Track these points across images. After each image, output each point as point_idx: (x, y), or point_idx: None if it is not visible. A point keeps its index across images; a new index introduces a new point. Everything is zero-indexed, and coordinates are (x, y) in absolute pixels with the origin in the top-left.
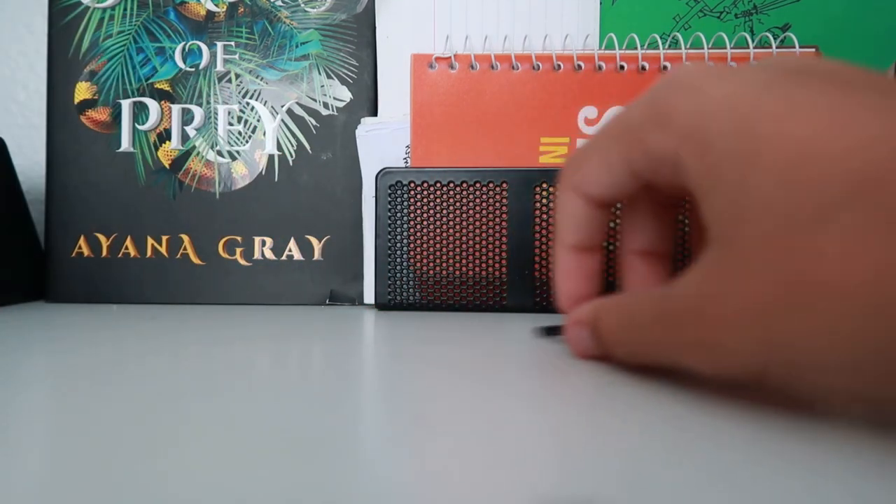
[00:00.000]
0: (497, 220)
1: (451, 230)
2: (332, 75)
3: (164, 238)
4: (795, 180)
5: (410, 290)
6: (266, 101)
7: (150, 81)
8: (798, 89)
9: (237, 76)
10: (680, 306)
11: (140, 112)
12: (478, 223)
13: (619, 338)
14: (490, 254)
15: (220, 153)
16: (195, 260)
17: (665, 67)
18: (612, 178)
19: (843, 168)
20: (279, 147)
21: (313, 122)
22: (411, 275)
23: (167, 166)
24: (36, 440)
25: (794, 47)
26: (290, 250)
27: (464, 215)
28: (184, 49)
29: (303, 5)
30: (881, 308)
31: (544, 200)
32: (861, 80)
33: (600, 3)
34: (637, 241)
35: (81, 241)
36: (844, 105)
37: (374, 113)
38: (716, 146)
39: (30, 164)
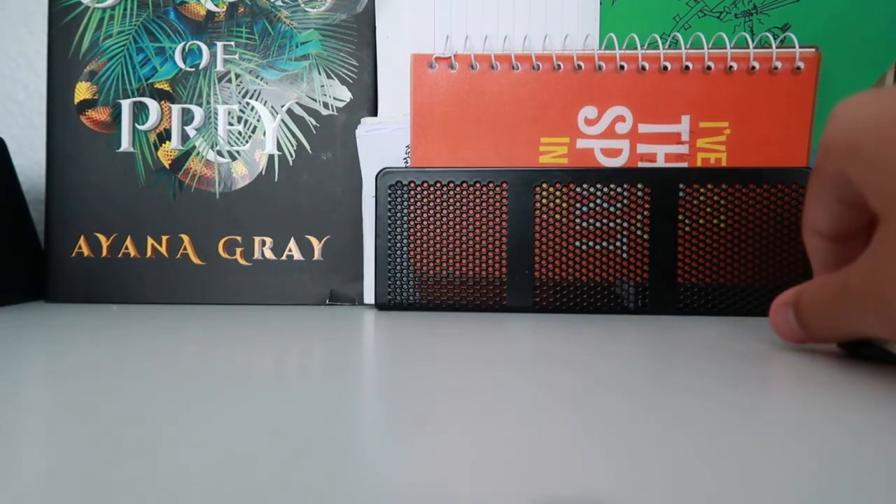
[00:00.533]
0: (497, 220)
1: (451, 230)
2: (332, 75)
3: (164, 238)
4: None
5: (410, 290)
6: (266, 101)
7: (150, 81)
8: None
9: (237, 76)
10: (855, 279)
11: (140, 112)
12: (478, 223)
13: (814, 315)
14: (490, 254)
15: (220, 153)
16: (195, 260)
17: (665, 67)
18: (829, 214)
19: None
20: (279, 147)
21: (313, 122)
22: (411, 275)
23: (167, 166)
24: (35, 440)
25: (794, 47)
26: (290, 250)
27: (464, 215)
28: (184, 49)
29: (303, 5)
30: None
31: (544, 200)
32: None
33: (600, 3)
34: (824, 226)
35: (81, 241)
36: None
37: (374, 113)
38: (863, 152)
39: (30, 164)
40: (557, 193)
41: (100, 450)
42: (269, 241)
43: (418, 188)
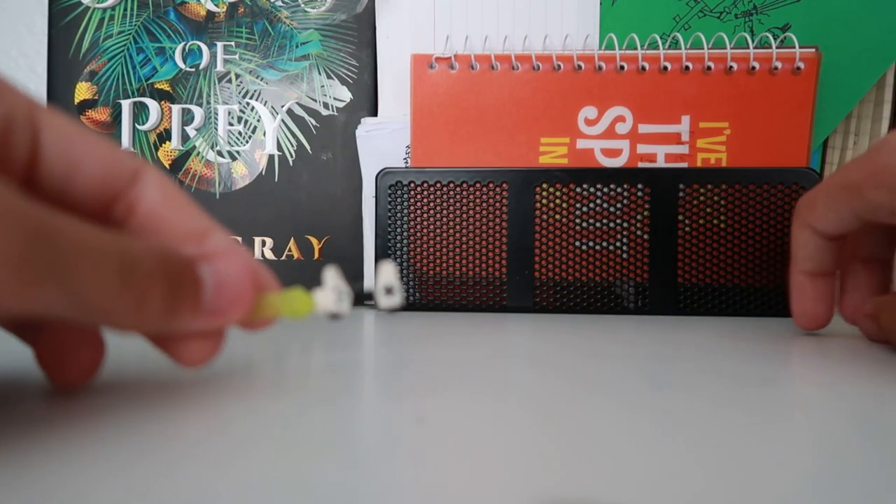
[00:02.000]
0: (497, 220)
1: (451, 230)
2: (332, 75)
3: None
4: None
5: (410, 290)
6: (266, 101)
7: (150, 81)
8: None
9: (237, 76)
10: None
11: (140, 112)
12: (478, 223)
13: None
14: (490, 254)
15: (220, 153)
16: None
17: (665, 68)
18: (838, 220)
19: None
20: (279, 147)
21: (313, 122)
22: (411, 275)
23: (167, 166)
24: (33, 439)
25: (794, 47)
26: (290, 250)
27: (464, 215)
28: (184, 49)
29: (303, 5)
30: None
31: (544, 200)
32: None
33: (600, 3)
34: (860, 249)
35: None
36: None
37: (374, 113)
38: None
39: None
40: (557, 193)
41: (99, 448)
42: (269, 241)
43: (418, 188)
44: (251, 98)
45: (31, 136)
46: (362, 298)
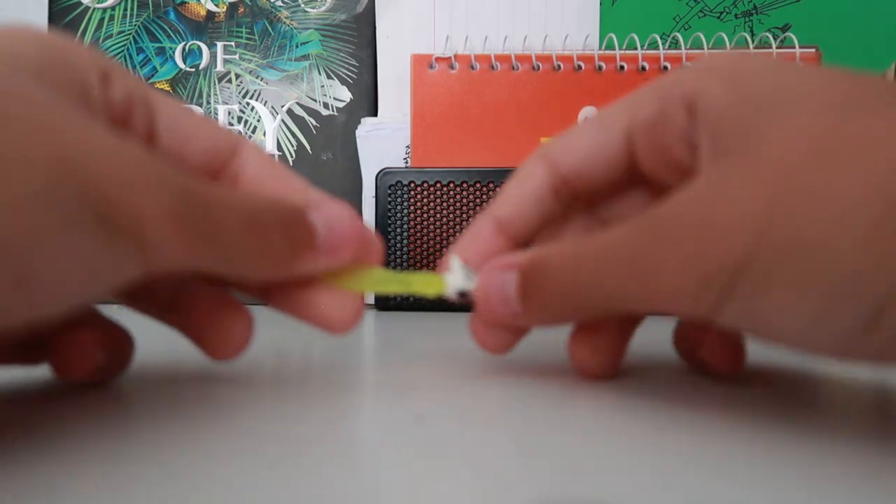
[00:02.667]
0: None
1: (451, 230)
2: (332, 75)
3: None
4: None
5: None
6: (266, 102)
7: (150, 81)
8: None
9: (237, 76)
10: (683, 218)
11: None
12: None
13: (575, 277)
14: None
15: None
16: None
17: (665, 68)
18: (601, 140)
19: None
20: (279, 147)
21: (313, 122)
22: None
23: None
24: (32, 440)
25: (794, 47)
26: None
27: (464, 215)
28: (184, 49)
29: (303, 5)
30: None
31: None
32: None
33: (600, 4)
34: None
35: None
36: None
37: (374, 113)
38: (750, 82)
39: None
40: None
41: (97, 449)
42: None
43: (418, 188)
44: (251, 98)
45: (147, 114)
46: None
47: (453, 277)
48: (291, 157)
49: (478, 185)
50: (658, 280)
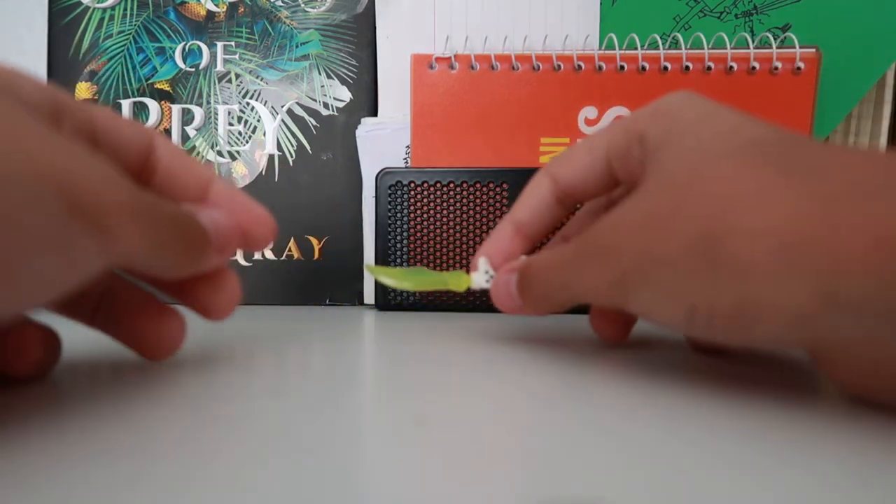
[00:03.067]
0: (497, 220)
1: (451, 230)
2: (332, 75)
3: None
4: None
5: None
6: (266, 102)
7: (150, 81)
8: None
9: (237, 76)
10: (596, 235)
11: (140, 112)
12: (478, 223)
13: (547, 277)
14: None
15: (220, 153)
16: None
17: (665, 68)
18: (590, 161)
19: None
20: (279, 147)
21: (313, 122)
22: None
23: None
24: (31, 440)
25: (794, 47)
26: (290, 250)
27: (464, 215)
28: (184, 49)
29: (303, 5)
30: None
31: None
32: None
33: (600, 4)
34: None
35: None
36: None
37: (374, 113)
38: (677, 120)
39: None
40: None
41: (98, 449)
42: None
43: (418, 188)
44: (251, 98)
45: (87, 121)
46: (362, 298)
47: (478, 276)
48: (291, 157)
49: (478, 185)
50: (584, 283)
